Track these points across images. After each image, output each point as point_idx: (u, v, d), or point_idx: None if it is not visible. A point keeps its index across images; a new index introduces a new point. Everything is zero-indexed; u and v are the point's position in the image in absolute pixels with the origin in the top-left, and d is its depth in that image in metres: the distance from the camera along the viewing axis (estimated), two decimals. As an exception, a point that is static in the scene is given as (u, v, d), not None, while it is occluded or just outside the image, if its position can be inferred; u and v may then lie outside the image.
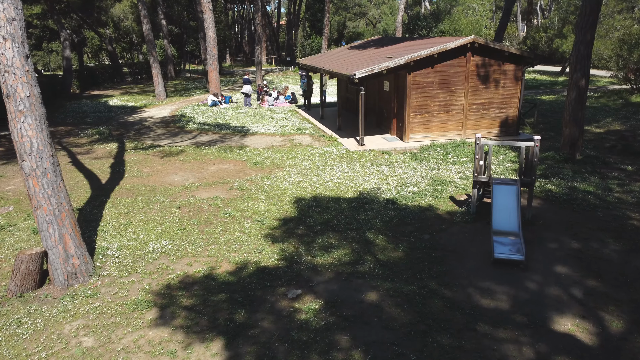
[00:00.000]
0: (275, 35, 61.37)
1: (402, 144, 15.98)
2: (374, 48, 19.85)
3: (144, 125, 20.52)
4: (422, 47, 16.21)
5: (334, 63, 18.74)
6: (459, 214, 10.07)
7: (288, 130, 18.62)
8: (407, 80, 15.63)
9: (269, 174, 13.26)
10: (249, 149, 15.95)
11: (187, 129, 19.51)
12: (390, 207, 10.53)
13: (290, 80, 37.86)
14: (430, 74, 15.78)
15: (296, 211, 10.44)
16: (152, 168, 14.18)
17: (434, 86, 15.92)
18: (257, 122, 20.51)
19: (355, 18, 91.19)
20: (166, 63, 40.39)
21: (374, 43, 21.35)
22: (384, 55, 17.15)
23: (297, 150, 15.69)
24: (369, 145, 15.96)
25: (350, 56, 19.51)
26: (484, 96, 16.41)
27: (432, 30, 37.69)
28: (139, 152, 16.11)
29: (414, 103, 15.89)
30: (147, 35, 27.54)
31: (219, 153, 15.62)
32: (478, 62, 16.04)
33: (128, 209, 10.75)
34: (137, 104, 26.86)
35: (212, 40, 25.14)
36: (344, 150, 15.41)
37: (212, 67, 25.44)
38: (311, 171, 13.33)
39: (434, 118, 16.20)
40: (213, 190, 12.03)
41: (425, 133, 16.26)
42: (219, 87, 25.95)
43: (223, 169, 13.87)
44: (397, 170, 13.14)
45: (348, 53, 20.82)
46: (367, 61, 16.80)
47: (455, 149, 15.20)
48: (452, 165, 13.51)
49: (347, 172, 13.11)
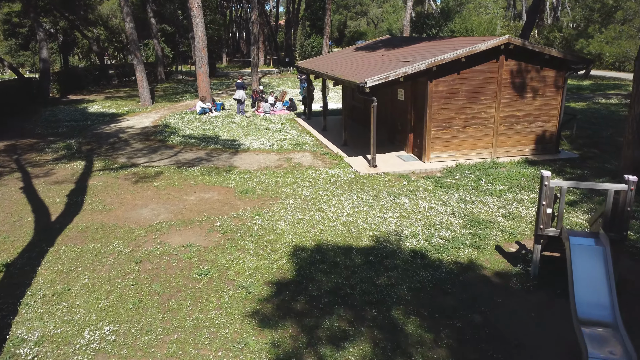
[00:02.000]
0: (273, 35, 58.76)
1: (422, 165, 13.36)
2: (384, 50, 17.23)
3: (120, 138, 17.87)
4: (443, 49, 13.59)
5: (339, 67, 16.12)
6: (515, 277, 7.46)
7: (285, 146, 15.98)
8: (428, 88, 13.02)
9: (261, 207, 10.63)
10: (239, 171, 13.31)
11: (169, 144, 16.86)
12: (420, 264, 7.91)
13: (288, 84, 35.24)
14: (456, 82, 13.17)
15: (294, 269, 7.82)
16: (119, 197, 11.55)
17: (460, 96, 13.30)
18: (251, 135, 17.88)
19: (357, 17, 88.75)
20: (156, 64, 37.74)
21: (384, 44, 18.73)
22: (397, 58, 14.54)
23: (296, 173, 13.06)
24: (382, 166, 13.34)
25: (358, 59, 16.89)
26: (519, 107, 13.79)
27: (441, 29, 35.08)
28: (107, 174, 13.48)
29: (436, 116, 13.27)
30: (131, 34, 24.90)
31: (202, 177, 12.98)
32: (513, 67, 13.43)
33: (71, 266, 8.11)
34: (118, 110, 24.21)
35: (202, 40, 22.51)
36: (353, 174, 12.78)
37: (202, 71, 22.81)
38: (313, 204, 10.71)
39: (459, 134, 13.58)
40: (188, 232, 9.41)
41: (448, 151, 13.64)
42: (209, 93, 23.31)
43: (205, 200, 11.24)
44: (421, 204, 10.51)
45: (354, 55, 18.20)
46: (379, 66, 14.18)
47: (486, 172, 12.59)
48: (489, 197, 10.89)
49: (359, 206, 10.49)
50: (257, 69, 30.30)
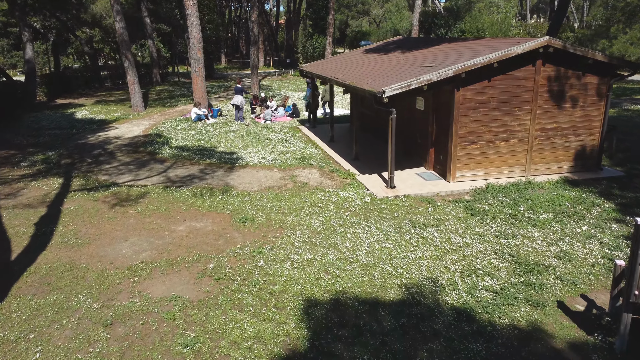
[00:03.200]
0: (273, 35, 57.01)
1: (447, 186, 11.64)
2: (399, 52, 15.50)
3: (105, 150, 16.13)
4: (469, 53, 11.89)
5: (350, 72, 14.39)
6: (596, 352, 5.74)
7: (289, 160, 14.25)
8: (455, 98, 11.30)
9: (263, 241, 8.91)
10: (237, 193, 11.58)
11: (160, 157, 15.12)
12: (467, 331, 6.19)
13: (290, 86, 33.51)
14: (487, 90, 11.46)
15: (306, 337, 6.10)
16: (96, 227, 9.82)
17: (491, 106, 11.59)
18: (250, 146, 16.15)
19: (358, 17, 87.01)
20: (151, 66, 36.00)
21: (397, 45, 17.00)
22: (417, 62, 12.83)
23: (302, 194, 11.33)
24: (400, 187, 11.61)
25: (370, 63, 15.16)
26: (557, 119, 12.08)
27: (450, 29, 33.36)
28: (86, 195, 11.75)
29: (464, 129, 11.56)
30: (121, 34, 23.15)
31: (195, 199, 11.25)
32: (551, 74, 11.72)
33: (22, 330, 6.39)
34: (108, 117, 22.47)
35: (197, 41, 20.78)
36: (368, 197, 11.05)
37: (197, 74, 21.08)
38: (325, 237, 8.99)
39: (489, 149, 11.87)
40: (174, 278, 7.68)
41: (476, 170, 11.93)
42: (205, 98, 21.58)
43: (196, 231, 9.51)
44: (454, 239, 8.79)
45: (365, 59, 16.47)
46: (396, 71, 12.46)
47: (523, 195, 10.87)
48: (533, 229, 9.17)
49: (379, 241, 8.77)
50: (257, 71, 28.59)
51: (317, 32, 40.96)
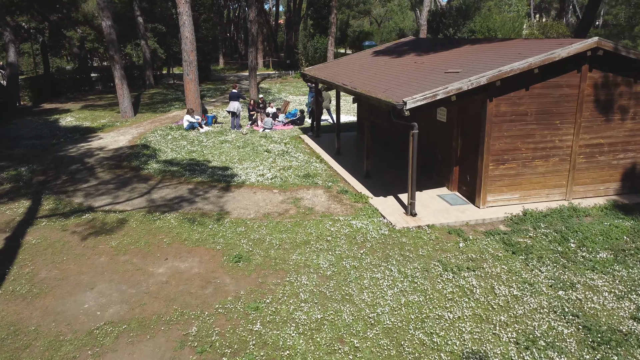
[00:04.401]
0: (273, 35, 55.28)
1: (476, 212, 9.93)
2: (414, 55, 13.78)
3: (85, 165, 14.41)
4: (499, 56, 10.20)
5: (360, 78, 12.68)
6: None
7: (291, 179, 12.53)
8: (487, 110, 9.59)
9: (260, 291, 7.20)
10: (230, 222, 9.86)
11: (145, 173, 13.40)
12: None
13: (290, 89, 31.78)
14: (524, 100, 9.75)
15: None
16: (57, 269, 8.11)
17: (528, 119, 9.88)
18: (247, 160, 14.42)
19: (359, 16, 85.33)
20: (144, 67, 34.28)
21: (411, 47, 15.28)
22: (438, 67, 11.12)
23: (307, 224, 9.62)
24: (422, 213, 9.90)
25: (382, 67, 13.44)
26: (604, 133, 10.38)
27: (459, 29, 31.65)
28: (54, 223, 10.04)
29: (497, 146, 9.85)
30: (109, 34, 21.43)
31: (181, 229, 9.54)
32: (598, 80, 10.01)
33: None
34: (94, 124, 20.75)
35: (190, 42, 19.06)
36: (386, 228, 9.32)
37: (190, 78, 19.35)
38: (337, 286, 7.28)
39: (525, 169, 10.15)
40: (145, 349, 5.97)
41: (510, 193, 10.22)
42: (199, 104, 19.85)
43: (180, 274, 7.80)
44: (499, 289, 7.07)
45: (376, 62, 14.75)
46: (415, 77, 10.75)
47: (568, 224, 9.17)
48: (593, 274, 7.46)
49: (405, 292, 7.06)
50: (255, 73, 26.88)
51: (319, 32, 39.24)
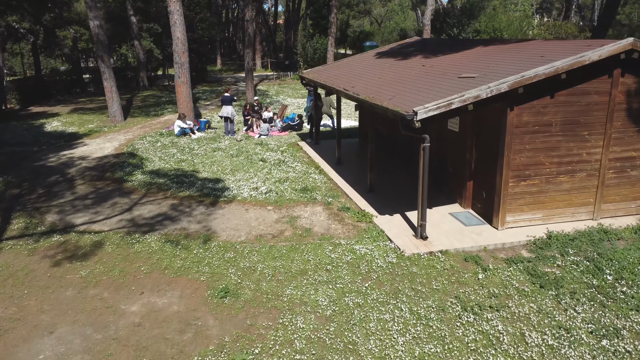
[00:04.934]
0: (272, 35, 54.14)
1: (494, 235, 8.84)
2: (421, 57, 12.68)
3: (65, 176, 13.31)
4: (518, 59, 9.15)
5: (363, 82, 11.60)
6: None
7: (288, 193, 11.43)
8: (507, 120, 8.51)
9: (248, 338, 6.11)
10: (218, 245, 8.77)
11: (128, 186, 12.30)
12: None
13: (289, 91, 30.68)
14: (548, 109, 8.67)
15: None
16: (16, 305, 7.03)
17: (553, 130, 8.80)
18: (240, 170, 13.34)
19: (359, 16, 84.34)
20: (138, 69, 33.20)
21: (417, 49, 14.19)
22: (449, 70, 10.04)
23: (305, 250, 8.53)
24: (434, 236, 8.81)
25: (387, 71, 12.35)
26: (636, 145, 9.29)
27: (464, 29, 30.57)
28: (22, 246, 8.96)
29: (518, 160, 8.77)
30: (97, 34, 20.33)
31: (161, 254, 8.45)
32: (631, 87, 8.93)
33: None
34: (80, 129, 19.66)
35: (181, 42, 17.96)
36: (393, 254, 8.23)
37: (181, 81, 18.25)
38: (338, 331, 6.19)
39: (548, 185, 9.07)
40: (105, 420, 4.88)
41: (532, 212, 9.13)
42: (191, 109, 18.75)
43: (155, 314, 6.71)
44: (530, 337, 5.97)
45: (379, 65, 13.66)
46: (425, 82, 9.67)
47: (599, 250, 8.08)
48: (638, 315, 6.37)
49: (420, 340, 5.97)
50: (252, 75, 25.77)
51: (318, 32, 38.14)
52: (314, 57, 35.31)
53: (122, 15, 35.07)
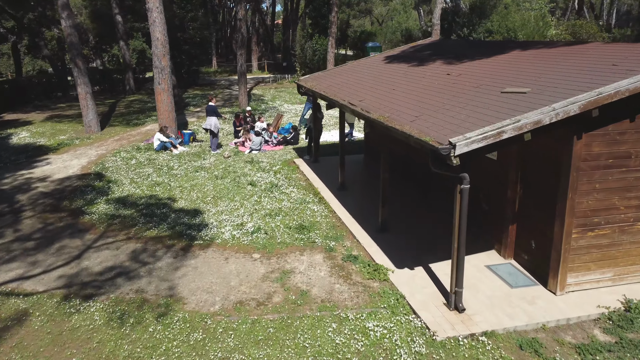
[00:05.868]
0: (269, 35, 51.89)
1: (554, 304, 6.62)
2: (441, 63, 10.42)
3: (13, 205, 11.08)
4: (574, 67, 6.96)
5: (373, 95, 9.36)
6: None
7: (279, 232, 9.20)
8: (573, 151, 6.29)
9: None
10: (183, 319, 6.53)
11: (85, 221, 10.06)
12: None
13: (286, 96, 28.41)
14: (627, 137, 6.46)
15: None
16: None
17: (632, 164, 6.59)
18: (224, 197, 11.12)
19: (360, 16, 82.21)
20: (124, 71, 30.95)
21: (434, 52, 11.94)
22: (482, 82, 7.83)
23: (299, 326, 6.30)
24: (472, 304, 6.58)
25: (401, 79, 10.10)
26: None
27: (475, 29, 28.34)
28: None
29: (584, 204, 6.55)
30: (69, 35, 18.09)
31: (105, 334, 6.21)
32: None
33: None
34: (50, 141, 17.43)
35: (161, 44, 15.71)
36: (421, 339, 5.98)
37: (162, 87, 16.01)
38: None
39: (622, 237, 6.86)
40: None
41: (600, 270, 6.92)
42: (173, 119, 16.49)
43: None
44: None
45: (391, 72, 11.41)
46: (453, 97, 7.46)
47: None
48: None
49: None
50: (245, 79, 23.56)
51: (318, 32, 35.88)
52: (313, 58, 33.08)
53: (110, 14, 32.83)
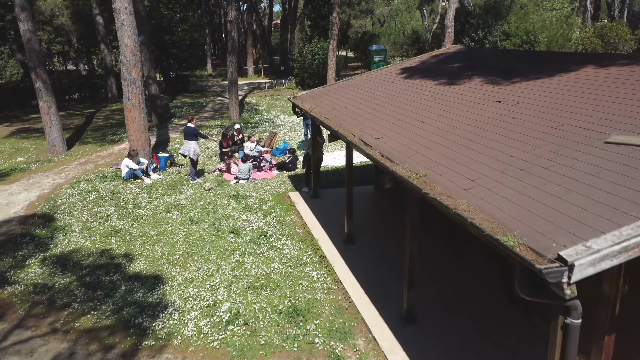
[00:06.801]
0: (266, 37, 49.32)
1: None
2: (481, 81, 7.85)
3: None
4: None
5: (393, 129, 6.79)
6: None
7: (265, 322, 6.63)
8: None
9: None
10: None
11: (3, 297, 7.52)
12: None
13: (282, 105, 25.80)
14: None
15: None
16: None
17: None
18: (196, 255, 8.57)
19: (361, 16, 79.75)
20: (106, 77, 28.39)
21: (467, 64, 9.36)
22: (560, 116, 5.28)
23: None
24: None
25: (431, 105, 7.50)
26: None
27: (490, 31, 25.81)
28: None
29: None
30: (29, 40, 15.51)
31: None
32: None
33: None
34: (4, 165, 14.89)
35: (131, 52, 13.13)
36: None
37: (132, 103, 13.42)
38: None
39: None
40: None
41: None
42: (145, 140, 13.88)
43: None
44: None
45: (415, 92, 8.82)
46: (524, 143, 4.90)
47: None
48: None
49: None
50: (236, 88, 21.00)
51: (318, 34, 33.34)
52: (313, 63, 30.50)
53: (87, 13, 30.29)
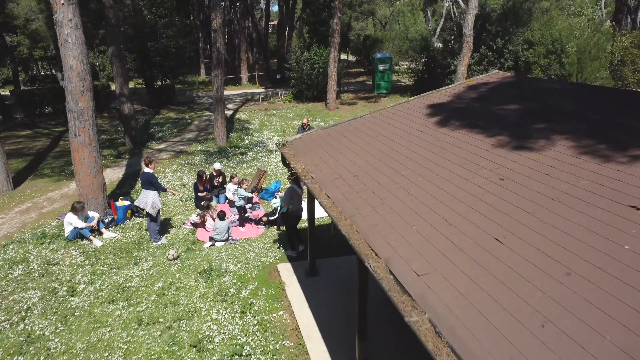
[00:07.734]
0: (262, 42, 46.43)
1: None
2: (571, 146, 5.03)
3: None
4: None
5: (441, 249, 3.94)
6: None
7: None
8: None
9: None
10: None
11: None
12: None
13: (277, 123, 22.87)
14: None
15: None
16: None
17: None
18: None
19: (362, 18, 76.97)
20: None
21: (530, 107, 6.51)
22: None
23: None
24: None
25: (495, 191, 4.65)
26: None
27: (511, 39, 22.95)
28: None
29: None
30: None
31: None
32: None
33: None
34: None
35: (77, 75, 10.25)
36: None
37: (79, 141, 10.55)
38: None
39: None
40: None
41: None
42: (98, 186, 10.98)
43: None
44: None
45: (460, 153, 5.95)
46: None
47: None
48: None
49: None
50: (222, 107, 18.16)
51: (317, 40, 30.47)
52: (312, 73, 27.64)
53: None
